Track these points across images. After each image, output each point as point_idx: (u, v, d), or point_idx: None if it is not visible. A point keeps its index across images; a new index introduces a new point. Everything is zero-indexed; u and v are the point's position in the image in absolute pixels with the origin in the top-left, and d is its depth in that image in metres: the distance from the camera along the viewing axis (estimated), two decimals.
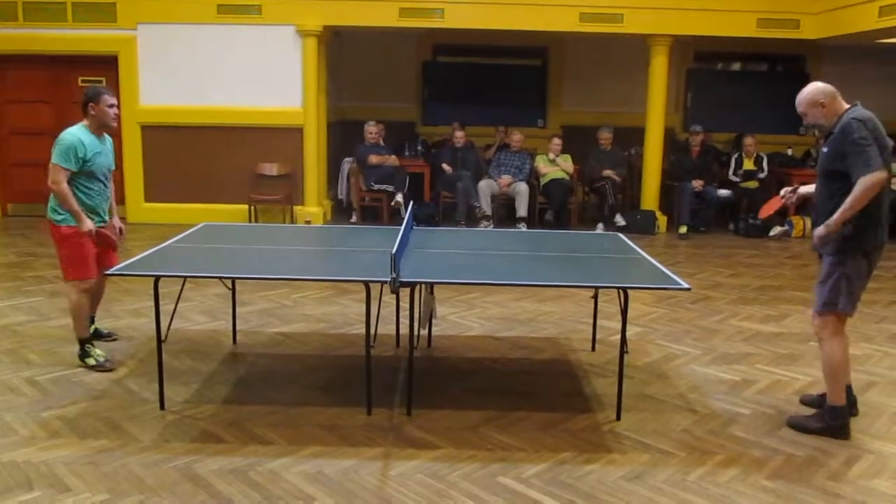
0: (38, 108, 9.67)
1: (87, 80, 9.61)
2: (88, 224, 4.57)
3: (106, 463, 3.47)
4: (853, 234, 3.71)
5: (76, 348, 4.71)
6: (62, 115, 9.63)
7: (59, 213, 4.59)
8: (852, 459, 3.65)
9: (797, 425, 3.96)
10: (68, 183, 4.53)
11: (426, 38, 11.56)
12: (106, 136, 4.81)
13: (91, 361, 4.66)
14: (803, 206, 4.51)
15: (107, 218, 4.84)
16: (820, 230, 3.78)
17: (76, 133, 4.58)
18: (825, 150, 3.85)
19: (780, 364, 4.96)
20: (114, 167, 4.92)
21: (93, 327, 5.01)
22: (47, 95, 9.66)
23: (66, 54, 9.34)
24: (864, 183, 3.58)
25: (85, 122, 4.67)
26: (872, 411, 4.24)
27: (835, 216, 3.69)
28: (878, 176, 3.58)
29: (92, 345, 4.73)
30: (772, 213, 4.56)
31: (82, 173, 4.57)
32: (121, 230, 4.98)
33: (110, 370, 4.60)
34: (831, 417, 3.88)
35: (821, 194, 3.89)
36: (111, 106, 4.66)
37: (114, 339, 5.14)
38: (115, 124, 4.76)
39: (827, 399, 3.94)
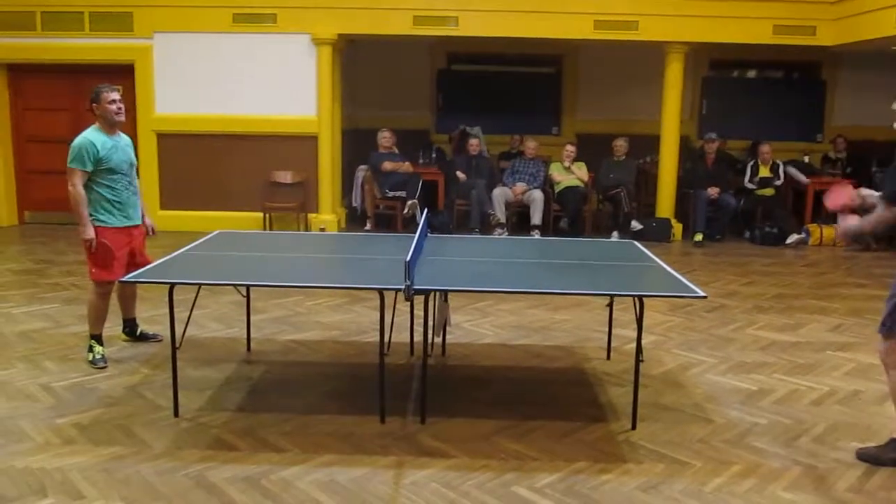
0: (55, 117, 9.74)
1: None
2: (89, 233, 4.67)
3: (119, 470, 3.47)
4: None
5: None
6: (79, 123, 9.58)
7: (90, 215, 4.72)
8: (871, 471, 3.59)
9: (869, 457, 3.67)
10: (93, 185, 4.67)
11: (440, 47, 11.58)
12: (121, 134, 4.90)
13: (90, 357, 4.81)
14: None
15: (138, 218, 4.95)
16: (853, 226, 3.53)
17: (86, 135, 4.71)
18: None
19: (797, 373, 4.91)
20: (135, 163, 5.02)
21: (139, 330, 5.30)
22: (64, 104, 9.73)
23: (82, 63, 9.40)
24: (883, 211, 3.34)
25: (96, 124, 4.79)
26: (891, 422, 4.17)
27: (863, 222, 3.48)
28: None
29: (100, 342, 4.85)
30: (838, 206, 4.06)
31: (102, 171, 4.69)
32: (152, 229, 5.14)
33: (100, 369, 4.72)
34: None
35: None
36: (112, 102, 4.73)
37: (159, 340, 5.27)
38: (120, 118, 4.79)
39: None
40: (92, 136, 4.70)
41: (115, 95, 4.76)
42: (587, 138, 11.13)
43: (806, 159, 11.00)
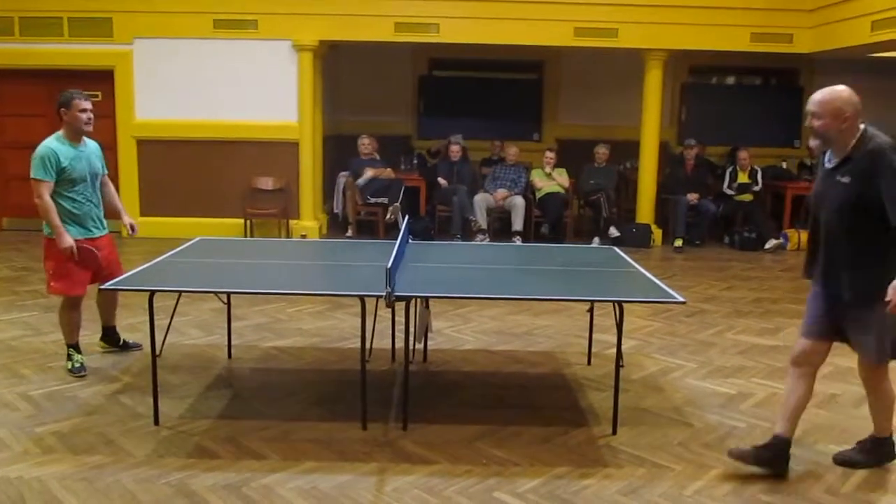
0: (34, 122, 9.62)
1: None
2: (67, 241, 4.54)
3: (99, 479, 3.44)
4: (884, 275, 3.19)
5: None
6: (57, 129, 9.62)
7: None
8: (849, 473, 3.64)
9: (845, 460, 3.72)
10: (54, 196, 4.53)
11: (422, 53, 11.61)
12: (87, 141, 4.74)
13: (69, 365, 4.75)
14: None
15: (100, 230, 4.80)
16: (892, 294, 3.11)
17: (48, 144, 4.55)
18: (845, 180, 3.26)
19: (775, 377, 4.95)
20: (102, 172, 4.85)
21: (121, 340, 5.19)
22: (43, 110, 9.62)
23: (62, 69, 9.32)
24: None
25: (60, 130, 4.63)
26: (870, 426, 4.22)
27: None
28: None
29: (77, 350, 4.79)
30: None
31: (64, 182, 4.54)
32: (132, 227, 4.96)
33: (80, 377, 4.67)
34: (881, 446, 3.70)
35: (838, 238, 3.36)
36: (83, 111, 4.56)
37: (139, 348, 5.17)
38: (88, 129, 4.61)
39: (876, 431, 3.73)
40: (54, 145, 4.54)
41: (88, 104, 4.59)
42: (568, 144, 11.19)
43: (784, 165, 11.12)
